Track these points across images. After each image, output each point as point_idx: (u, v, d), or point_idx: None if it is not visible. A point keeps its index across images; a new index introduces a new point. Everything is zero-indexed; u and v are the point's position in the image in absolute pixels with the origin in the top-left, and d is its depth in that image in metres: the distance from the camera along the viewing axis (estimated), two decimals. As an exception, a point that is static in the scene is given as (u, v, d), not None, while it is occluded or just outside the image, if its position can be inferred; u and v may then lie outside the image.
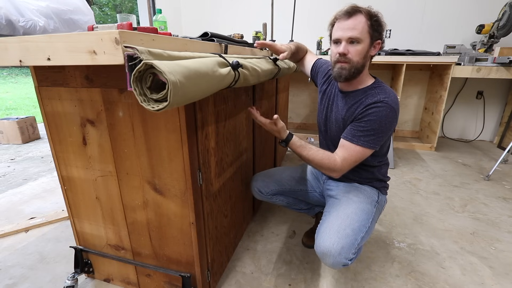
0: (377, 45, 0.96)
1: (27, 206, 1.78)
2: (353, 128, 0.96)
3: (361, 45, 0.92)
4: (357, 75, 0.97)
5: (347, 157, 0.96)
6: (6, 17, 0.86)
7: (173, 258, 0.97)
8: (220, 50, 0.94)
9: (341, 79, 0.97)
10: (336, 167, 0.96)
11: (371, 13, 0.91)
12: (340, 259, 0.87)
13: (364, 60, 0.95)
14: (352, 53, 0.92)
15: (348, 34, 0.91)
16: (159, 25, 1.31)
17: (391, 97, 0.94)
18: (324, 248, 0.89)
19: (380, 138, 0.94)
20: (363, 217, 0.96)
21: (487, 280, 1.19)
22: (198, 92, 0.61)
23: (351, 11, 0.91)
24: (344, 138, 0.98)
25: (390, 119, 0.92)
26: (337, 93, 1.08)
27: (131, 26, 0.62)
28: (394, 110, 0.93)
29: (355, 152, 0.95)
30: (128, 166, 0.89)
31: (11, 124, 3.04)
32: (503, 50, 2.50)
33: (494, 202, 1.84)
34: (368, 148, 0.94)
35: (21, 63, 0.63)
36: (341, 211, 0.98)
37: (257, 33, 1.95)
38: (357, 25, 0.90)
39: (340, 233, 0.90)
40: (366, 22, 0.90)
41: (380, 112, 0.92)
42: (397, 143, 3.01)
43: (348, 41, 0.92)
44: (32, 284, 1.16)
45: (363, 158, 0.97)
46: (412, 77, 3.16)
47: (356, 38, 0.91)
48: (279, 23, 2.79)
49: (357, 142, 0.94)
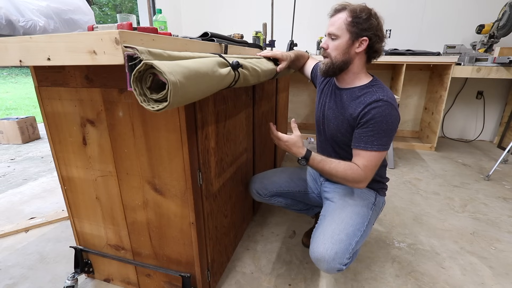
0: (364, 42, 0.94)
1: (27, 206, 1.78)
2: (363, 135, 0.95)
3: (338, 40, 0.95)
4: (340, 70, 0.99)
5: (367, 164, 0.94)
6: (6, 17, 0.86)
7: (173, 258, 0.97)
8: (220, 50, 0.94)
9: (324, 73, 1.02)
10: (361, 177, 0.94)
11: (356, 10, 0.91)
12: (334, 265, 0.87)
13: (344, 56, 0.96)
14: (330, 48, 0.97)
15: (329, 29, 0.96)
16: (159, 25, 1.31)
17: (389, 95, 0.94)
18: (318, 254, 0.89)
19: (391, 137, 0.94)
20: (358, 221, 0.96)
21: (487, 280, 1.19)
22: (198, 92, 0.61)
23: (337, 8, 0.96)
24: (357, 147, 0.96)
25: (394, 117, 0.92)
26: (334, 90, 1.09)
27: (131, 26, 0.62)
28: (395, 108, 0.93)
29: (373, 157, 0.93)
30: (128, 166, 0.89)
31: (11, 124, 3.04)
32: (503, 50, 2.50)
33: (494, 202, 1.84)
34: (384, 150, 0.94)
35: (21, 63, 0.63)
36: (336, 215, 0.98)
37: (257, 33, 1.95)
38: (336, 21, 0.94)
39: (334, 238, 0.89)
40: (346, 18, 0.92)
41: (383, 111, 0.91)
42: (397, 143, 3.01)
43: (329, 36, 0.97)
44: (32, 284, 1.16)
45: (381, 161, 0.96)
46: (412, 77, 3.16)
47: (333, 34, 0.95)
48: (279, 23, 2.79)
49: (372, 148, 0.93)
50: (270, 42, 2.16)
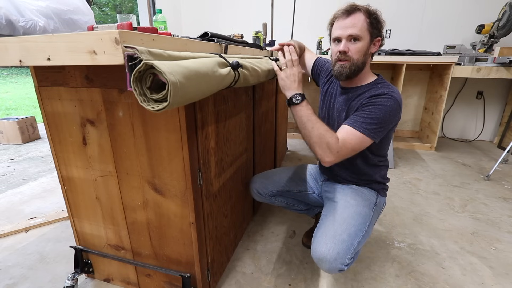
0: (377, 43, 0.96)
1: (27, 206, 1.78)
2: (356, 115, 0.93)
3: (361, 42, 0.92)
4: (358, 72, 0.97)
5: (347, 140, 0.89)
6: (6, 17, 0.86)
7: (173, 258, 0.97)
8: (220, 50, 0.94)
9: (342, 77, 0.97)
10: (335, 146, 0.88)
11: (369, 11, 0.92)
12: (335, 265, 0.87)
13: (364, 58, 0.95)
14: (352, 50, 0.93)
15: (348, 32, 0.92)
16: (159, 25, 1.31)
17: (395, 91, 0.94)
18: (320, 254, 0.89)
19: (382, 129, 0.92)
20: (360, 221, 0.95)
21: (487, 280, 1.19)
22: (198, 92, 0.61)
23: (350, 10, 0.92)
24: (346, 123, 0.93)
25: (394, 111, 0.92)
26: (338, 91, 1.08)
27: (131, 26, 0.61)
28: (398, 103, 0.92)
29: (355, 137, 0.89)
30: (128, 166, 0.89)
31: (11, 124, 3.04)
32: (503, 50, 2.50)
33: (494, 202, 1.84)
34: (368, 136, 0.90)
35: (21, 63, 0.63)
36: (338, 215, 0.97)
37: (257, 33, 1.95)
38: (357, 23, 0.91)
39: (336, 238, 0.89)
40: (365, 19, 0.91)
41: (385, 102, 0.91)
42: (397, 143, 3.01)
43: (348, 39, 0.93)
44: (32, 284, 1.16)
45: (361, 147, 0.92)
46: (412, 77, 3.16)
47: (356, 36, 0.91)
48: (279, 23, 2.79)
49: (359, 128, 0.90)
50: (270, 42, 2.16)
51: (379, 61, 2.62)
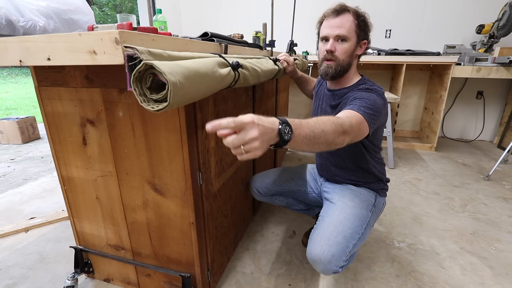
0: (363, 45, 0.97)
1: (27, 206, 1.78)
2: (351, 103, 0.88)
3: (348, 43, 0.93)
4: (343, 73, 0.98)
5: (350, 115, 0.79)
6: (6, 17, 0.86)
7: (173, 258, 0.97)
8: (220, 50, 0.94)
9: (328, 77, 0.99)
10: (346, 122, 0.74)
11: (358, 13, 0.93)
12: (330, 267, 0.87)
13: (350, 59, 0.96)
14: (339, 51, 0.94)
15: (336, 32, 0.92)
16: (159, 25, 1.31)
17: (380, 89, 0.95)
18: (314, 255, 0.88)
19: (375, 118, 0.84)
20: (356, 223, 0.95)
21: (487, 280, 1.19)
22: (198, 92, 0.61)
23: (339, 10, 0.92)
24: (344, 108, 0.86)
25: (380, 104, 0.89)
26: (326, 93, 1.10)
27: (131, 26, 0.61)
28: (383, 99, 0.92)
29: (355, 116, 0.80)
30: (128, 166, 0.89)
31: (11, 124, 3.04)
32: (503, 50, 2.50)
33: (494, 202, 1.84)
34: (366, 121, 0.80)
35: (21, 63, 0.63)
36: (334, 217, 0.97)
37: (257, 33, 1.95)
38: (345, 23, 0.91)
39: (331, 240, 0.89)
40: (353, 21, 0.92)
41: (371, 95, 0.89)
42: (397, 143, 3.01)
43: (336, 38, 0.94)
44: (32, 284, 1.16)
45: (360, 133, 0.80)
46: (412, 77, 3.16)
47: (343, 36, 0.92)
48: (279, 23, 2.78)
49: (358, 110, 0.82)
50: (270, 42, 2.15)
51: (379, 61, 2.62)
